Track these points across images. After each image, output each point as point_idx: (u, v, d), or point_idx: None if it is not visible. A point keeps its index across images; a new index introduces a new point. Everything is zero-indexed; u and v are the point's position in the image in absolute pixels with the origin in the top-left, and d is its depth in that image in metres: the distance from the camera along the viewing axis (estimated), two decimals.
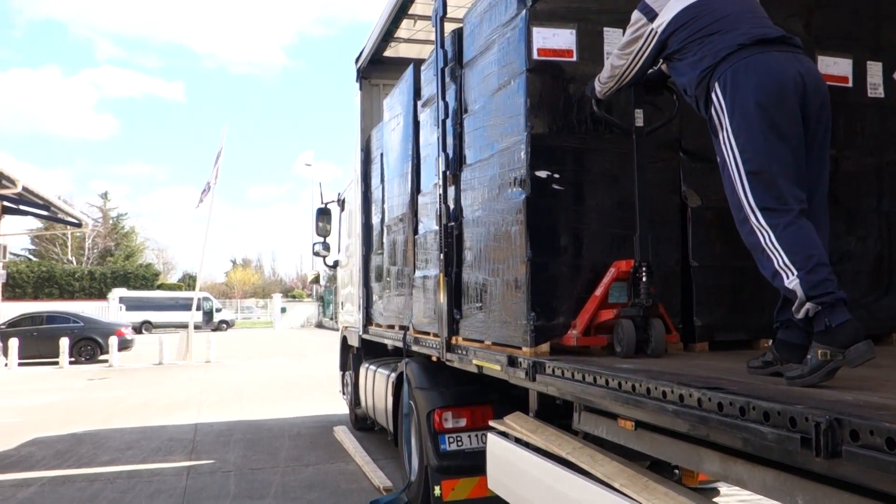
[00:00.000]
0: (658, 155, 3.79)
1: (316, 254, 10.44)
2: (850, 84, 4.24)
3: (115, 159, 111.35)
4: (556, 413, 4.40)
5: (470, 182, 4.39)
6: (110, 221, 64.74)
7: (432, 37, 7.84)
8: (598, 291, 3.55)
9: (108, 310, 39.35)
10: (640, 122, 3.48)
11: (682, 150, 3.90)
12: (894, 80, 4.36)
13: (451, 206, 4.76)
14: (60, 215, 23.91)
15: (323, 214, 10.39)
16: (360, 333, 8.08)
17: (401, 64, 8.05)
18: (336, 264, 10.50)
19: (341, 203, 10.26)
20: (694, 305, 3.83)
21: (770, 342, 4.03)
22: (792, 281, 2.52)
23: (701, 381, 2.42)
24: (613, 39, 3.73)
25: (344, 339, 9.77)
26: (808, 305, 2.45)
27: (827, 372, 2.34)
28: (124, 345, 22.64)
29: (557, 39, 3.68)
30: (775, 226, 2.61)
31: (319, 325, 48.82)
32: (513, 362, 3.69)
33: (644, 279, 3.41)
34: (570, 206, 3.68)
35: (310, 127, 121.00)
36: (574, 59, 3.71)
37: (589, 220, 3.70)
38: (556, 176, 3.65)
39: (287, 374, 17.30)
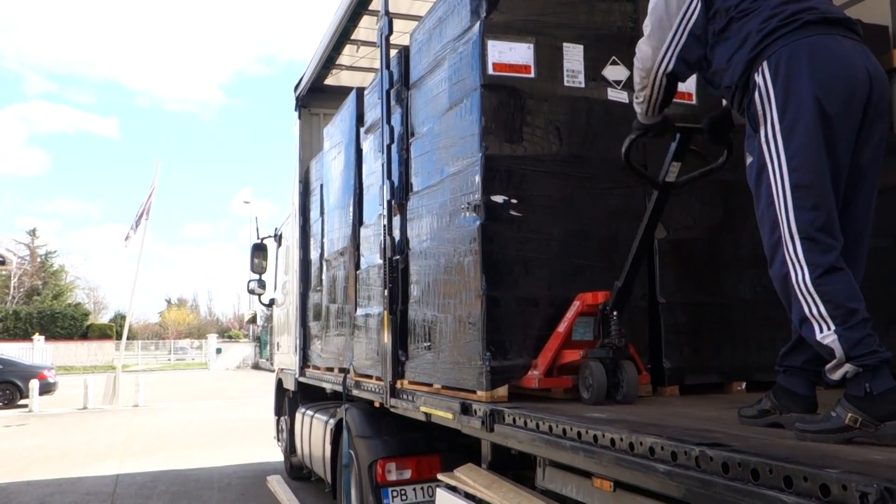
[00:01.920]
0: (621, 180, 3.50)
1: (251, 291, 9.92)
2: None
3: (46, 196, 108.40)
4: (512, 464, 4.03)
5: (417, 211, 4.03)
6: (38, 259, 62.30)
7: (376, 64, 7.59)
8: (562, 328, 3.20)
9: (33, 351, 37.66)
10: (672, 177, 2.95)
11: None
12: None
13: (397, 238, 4.40)
14: None
15: (259, 250, 9.90)
16: (297, 376, 7.58)
17: (342, 92, 7.72)
18: (272, 303, 9.99)
19: (278, 238, 9.79)
20: (662, 345, 3.50)
21: (742, 385, 3.78)
22: (828, 336, 2.09)
23: (693, 434, 2.07)
24: (573, 55, 3.45)
25: (279, 382, 9.21)
26: (847, 367, 2.05)
27: (849, 438, 1.99)
28: (46, 388, 21.35)
29: (514, 54, 3.37)
30: (816, 265, 2.13)
31: (256, 367, 47.46)
32: (466, 410, 3.30)
33: (615, 317, 3.08)
34: (528, 234, 3.33)
35: (247, 165, 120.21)
36: (532, 75, 3.39)
37: (549, 249, 3.36)
38: (514, 201, 3.31)
39: (219, 418, 16.47)
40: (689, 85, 3.79)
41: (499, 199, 3.30)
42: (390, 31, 4.54)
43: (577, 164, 3.43)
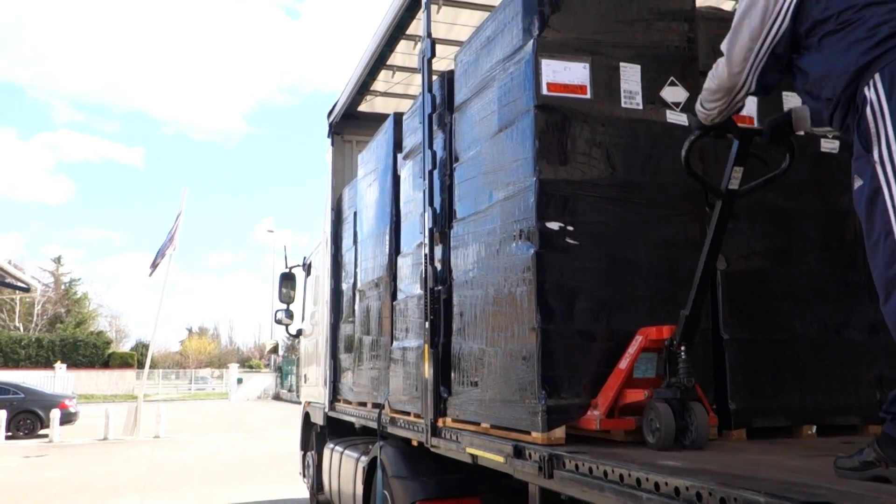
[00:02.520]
0: (680, 207, 3.32)
1: (278, 321, 9.76)
2: None
3: (71, 224, 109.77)
4: None
5: (462, 238, 3.86)
6: (62, 287, 62.85)
7: (410, 90, 7.52)
8: (623, 364, 3.00)
9: (54, 380, 37.74)
10: (734, 185, 2.75)
11: (707, 204, 3.42)
12: None
13: (439, 268, 4.23)
14: (8, 279, 22.82)
15: (287, 280, 9.76)
16: (326, 410, 7.39)
17: (376, 119, 7.64)
18: (299, 333, 9.83)
19: (307, 268, 9.65)
20: (728, 385, 3.29)
21: (813, 429, 3.54)
22: None
23: (794, 489, 1.86)
24: (631, 76, 3.29)
25: (306, 416, 9.01)
26: None
27: None
28: (67, 418, 21.33)
29: (569, 74, 3.22)
30: None
31: (277, 397, 47.35)
32: (520, 453, 3.09)
33: (683, 354, 2.88)
34: (584, 263, 3.15)
35: (270, 194, 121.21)
36: (588, 96, 3.23)
37: (605, 279, 3.17)
38: (569, 228, 3.14)
39: (242, 451, 16.28)
40: (749, 109, 3.62)
41: (554, 225, 3.12)
42: (433, 54, 4.42)
43: (635, 190, 3.25)
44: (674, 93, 3.33)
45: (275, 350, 53.43)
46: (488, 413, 3.47)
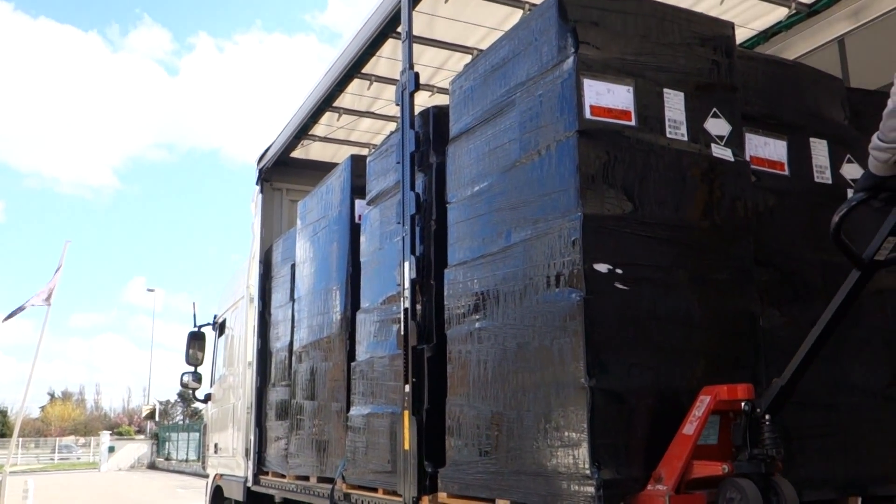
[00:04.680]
0: (728, 252, 2.93)
1: (184, 385, 8.78)
2: None
3: None
4: None
5: (462, 286, 3.33)
6: None
7: (353, 136, 7.02)
8: (690, 429, 2.51)
9: None
10: (882, 255, 2.32)
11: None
12: None
13: (423, 324, 3.70)
14: None
15: (195, 339, 8.84)
16: (249, 484, 6.55)
17: (310, 167, 7.12)
18: (208, 398, 8.90)
19: (219, 327, 8.80)
20: None
21: (859, 501, 3.16)
22: None
23: None
24: (675, 104, 2.91)
25: (217, 490, 8.05)
26: None
27: None
28: None
29: (613, 97, 2.80)
30: None
31: (153, 466, 44.24)
32: None
33: (768, 422, 2.43)
34: (635, 312, 2.69)
35: (140, 253, 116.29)
36: (633, 123, 2.84)
37: (657, 330, 2.72)
38: (619, 271, 2.68)
39: None
40: (779, 153, 3.34)
41: (602, 268, 2.65)
42: (416, 87, 3.95)
43: (685, 231, 2.84)
44: (717, 125, 2.98)
45: (151, 416, 50.32)
46: (508, 488, 2.90)
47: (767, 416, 2.42)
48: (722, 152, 2.97)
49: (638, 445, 2.60)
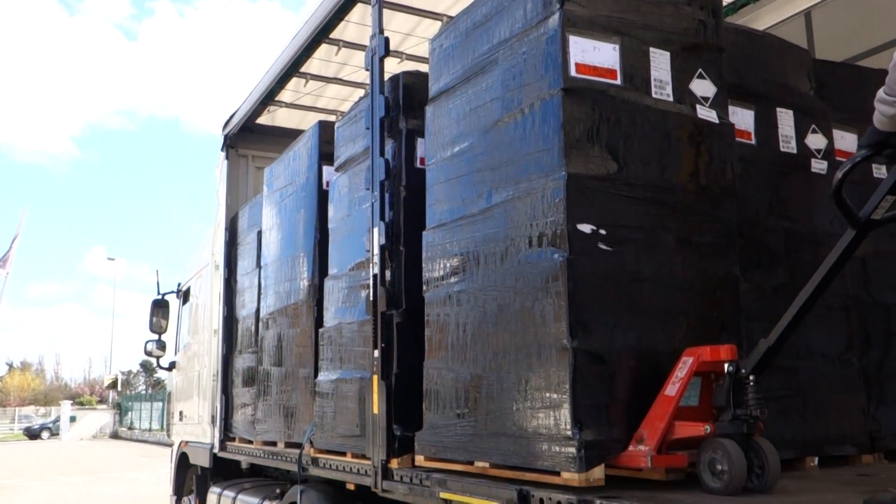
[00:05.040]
0: (713, 214, 2.83)
1: (149, 353, 8.50)
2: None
3: None
4: None
5: (440, 248, 3.20)
6: None
7: (320, 103, 6.77)
8: (672, 390, 2.43)
9: None
10: (878, 214, 2.20)
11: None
12: None
13: (392, 289, 3.57)
14: None
15: (159, 308, 8.54)
16: (216, 450, 6.36)
17: (277, 133, 6.86)
18: (173, 366, 8.63)
19: (183, 295, 8.52)
20: None
21: (815, 461, 3.12)
22: None
23: None
24: (660, 63, 2.79)
25: (182, 457, 7.84)
26: None
27: None
28: None
29: (599, 55, 2.67)
30: None
31: (115, 436, 43.51)
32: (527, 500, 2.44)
33: (753, 383, 2.33)
34: (618, 273, 2.59)
35: (100, 222, 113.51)
36: (618, 82, 2.71)
37: (640, 292, 2.62)
38: (602, 232, 2.57)
39: (90, 497, 14.34)
40: (746, 122, 3.24)
41: (586, 228, 2.54)
42: (386, 52, 3.75)
43: (669, 192, 2.73)
44: (703, 86, 2.87)
45: (114, 385, 49.33)
46: (487, 450, 2.79)
47: (752, 377, 2.34)
48: (707, 114, 2.86)
49: (619, 407, 2.51)
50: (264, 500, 5.38)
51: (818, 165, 3.39)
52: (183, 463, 7.80)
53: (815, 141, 3.46)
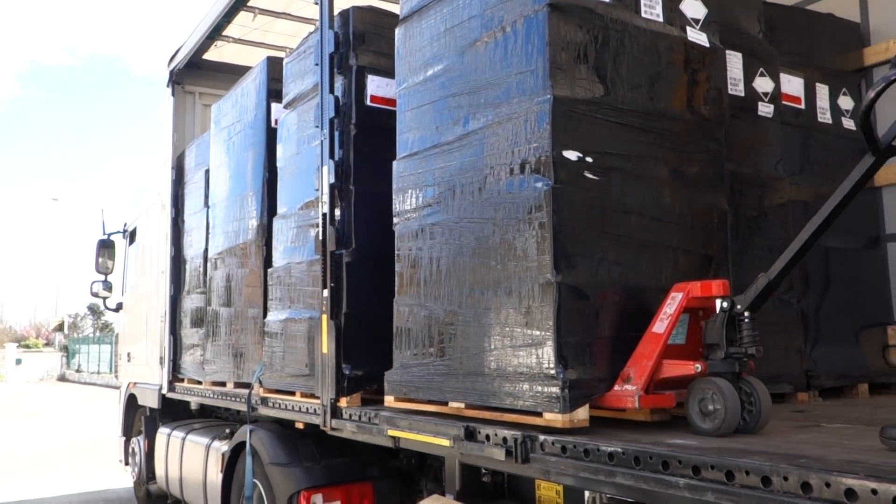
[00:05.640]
0: (702, 144, 2.57)
1: (95, 294, 7.95)
2: (802, 106, 3.39)
3: None
4: (485, 493, 3.00)
5: (411, 179, 2.87)
6: None
7: (268, 38, 6.22)
8: (660, 328, 2.19)
9: None
10: None
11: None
12: (838, 107, 3.60)
13: (342, 229, 3.33)
14: None
15: (105, 248, 7.98)
16: (165, 391, 5.97)
17: (226, 70, 6.33)
18: (119, 307, 8.10)
19: (129, 235, 7.95)
20: None
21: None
22: None
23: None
24: None
25: (130, 399, 7.39)
26: None
27: None
28: None
29: None
30: None
31: (63, 379, 42.08)
32: (531, 443, 2.18)
33: (748, 319, 2.10)
34: (605, 204, 2.31)
35: (42, 161, 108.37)
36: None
37: (627, 223, 2.36)
38: (589, 160, 2.28)
39: (38, 439, 13.69)
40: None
41: (572, 155, 2.25)
42: None
43: (659, 119, 2.45)
44: (692, 7, 2.58)
45: (60, 328, 47.55)
46: (462, 390, 2.52)
47: (747, 314, 2.11)
48: (698, 37, 2.58)
49: (603, 345, 2.27)
50: (213, 440, 5.06)
51: (765, 109, 3.17)
52: (131, 404, 7.37)
53: (763, 84, 3.25)
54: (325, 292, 3.33)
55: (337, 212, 3.38)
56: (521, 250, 2.29)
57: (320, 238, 3.39)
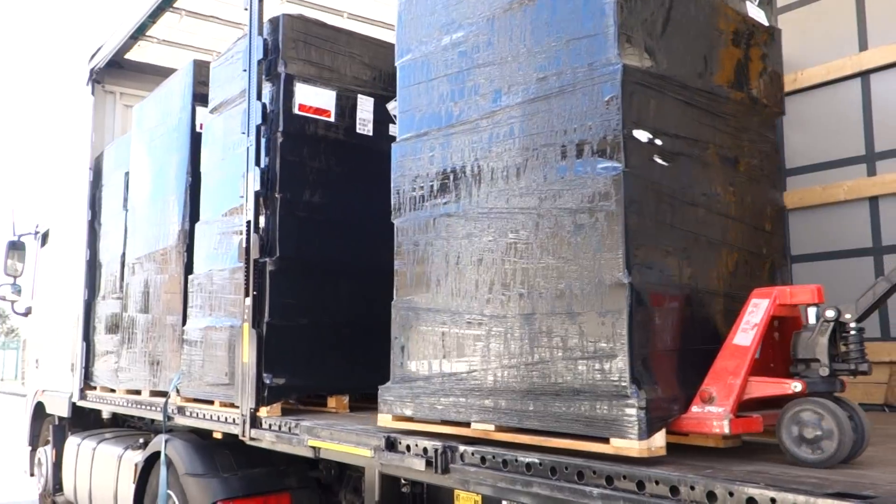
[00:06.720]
0: (757, 131, 2.30)
1: (2, 298, 7.41)
2: None
3: None
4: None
5: (424, 161, 2.41)
6: None
7: (196, 41, 6.01)
8: (745, 339, 1.79)
9: None
10: None
11: None
12: None
13: (266, 236, 3.08)
14: None
15: (14, 249, 7.37)
16: (75, 399, 5.41)
17: (149, 71, 5.99)
18: (28, 311, 7.66)
19: (41, 237, 7.54)
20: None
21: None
22: None
23: None
24: None
25: (38, 407, 6.79)
26: None
27: None
28: None
29: None
30: None
31: None
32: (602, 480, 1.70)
33: (854, 330, 1.75)
34: (674, 194, 1.90)
35: None
36: None
37: (693, 218, 1.97)
38: (658, 142, 1.87)
39: None
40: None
41: (642, 136, 1.83)
42: None
43: (717, 101, 2.05)
44: None
45: None
46: (493, 409, 2.04)
47: (854, 325, 1.75)
48: (757, 13, 2.24)
49: (675, 357, 1.84)
50: (126, 450, 4.69)
51: None
52: (39, 413, 6.52)
53: None
54: (248, 300, 3.02)
55: (261, 219, 3.10)
56: (578, 245, 1.83)
57: (244, 245, 3.09)
